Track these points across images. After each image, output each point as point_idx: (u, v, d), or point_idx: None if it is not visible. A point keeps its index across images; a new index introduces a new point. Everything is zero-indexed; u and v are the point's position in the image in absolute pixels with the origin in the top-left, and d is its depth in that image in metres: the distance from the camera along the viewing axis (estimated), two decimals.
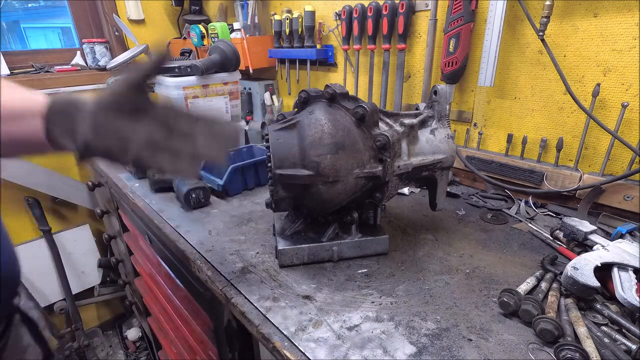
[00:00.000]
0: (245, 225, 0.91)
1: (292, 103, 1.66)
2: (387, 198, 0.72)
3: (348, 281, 0.70)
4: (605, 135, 0.86)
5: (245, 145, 1.30)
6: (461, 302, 0.63)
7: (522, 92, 0.98)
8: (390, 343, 0.55)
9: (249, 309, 0.63)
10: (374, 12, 1.16)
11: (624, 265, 0.61)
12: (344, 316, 0.61)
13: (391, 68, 1.24)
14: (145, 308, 1.56)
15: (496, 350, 0.54)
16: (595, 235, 0.72)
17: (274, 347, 0.56)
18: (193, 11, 2.03)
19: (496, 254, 0.77)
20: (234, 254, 0.79)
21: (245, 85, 1.75)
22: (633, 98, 0.81)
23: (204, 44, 1.61)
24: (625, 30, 0.79)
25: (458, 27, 0.97)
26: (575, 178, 0.90)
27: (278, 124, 0.71)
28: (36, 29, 2.28)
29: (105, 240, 1.85)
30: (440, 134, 0.76)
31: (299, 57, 1.47)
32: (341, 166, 0.65)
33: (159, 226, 0.93)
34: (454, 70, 1.02)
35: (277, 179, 0.67)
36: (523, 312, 0.58)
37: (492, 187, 1.06)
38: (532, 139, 0.99)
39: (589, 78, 0.86)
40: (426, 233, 0.86)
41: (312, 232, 0.77)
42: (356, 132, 0.67)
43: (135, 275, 1.55)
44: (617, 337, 0.55)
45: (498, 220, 0.91)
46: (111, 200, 1.54)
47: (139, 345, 2.22)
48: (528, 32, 0.92)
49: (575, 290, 0.61)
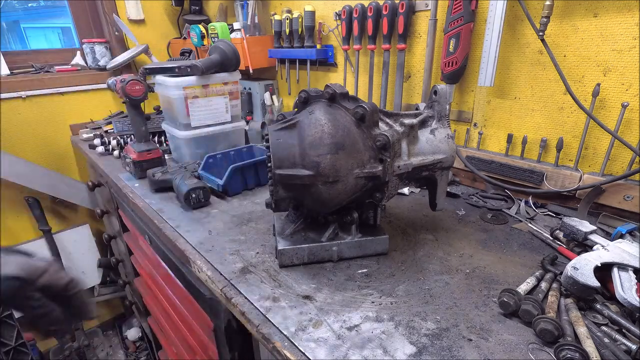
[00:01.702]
0: (245, 225, 0.91)
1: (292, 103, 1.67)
2: (387, 198, 0.72)
3: (348, 281, 0.70)
4: (605, 135, 0.86)
5: (245, 145, 1.30)
6: (461, 302, 0.63)
7: (522, 92, 0.98)
8: (390, 343, 0.55)
9: (249, 309, 0.63)
10: (374, 12, 1.16)
11: (624, 265, 0.61)
12: (344, 316, 0.61)
13: (391, 68, 1.24)
14: (145, 308, 1.56)
15: (496, 350, 0.54)
16: (595, 235, 0.72)
17: (274, 347, 0.56)
18: (193, 11, 2.03)
19: (496, 254, 0.77)
20: (234, 254, 0.79)
21: (245, 85, 1.75)
22: (633, 98, 0.81)
23: (204, 44, 1.61)
24: (625, 30, 0.79)
25: (458, 27, 0.97)
26: (575, 178, 0.90)
27: (278, 124, 0.71)
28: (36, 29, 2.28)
29: (105, 240, 1.85)
30: (440, 134, 0.76)
31: (299, 57, 1.47)
32: (341, 166, 0.65)
33: (158, 226, 0.93)
34: (454, 70, 1.02)
35: (277, 179, 0.67)
36: (523, 312, 0.58)
37: (492, 187, 1.06)
38: (532, 139, 0.99)
39: (589, 78, 0.86)
40: (426, 233, 0.86)
41: (312, 232, 0.77)
42: (356, 132, 0.67)
43: (135, 275, 1.55)
44: (617, 337, 0.55)
45: (498, 220, 0.91)
46: (111, 200, 1.54)
47: (139, 345, 2.22)
48: (528, 32, 0.92)
49: (575, 290, 0.61)
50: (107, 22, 1.95)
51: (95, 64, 1.95)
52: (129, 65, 1.97)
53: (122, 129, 1.62)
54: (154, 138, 1.55)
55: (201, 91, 1.20)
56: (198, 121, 1.23)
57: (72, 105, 1.90)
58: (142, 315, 1.71)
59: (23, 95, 1.73)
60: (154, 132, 1.58)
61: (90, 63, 1.96)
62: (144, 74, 1.22)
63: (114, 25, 1.95)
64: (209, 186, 1.03)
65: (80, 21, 1.97)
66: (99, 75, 1.93)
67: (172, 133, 1.28)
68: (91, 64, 1.96)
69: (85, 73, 1.93)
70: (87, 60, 1.95)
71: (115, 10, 1.94)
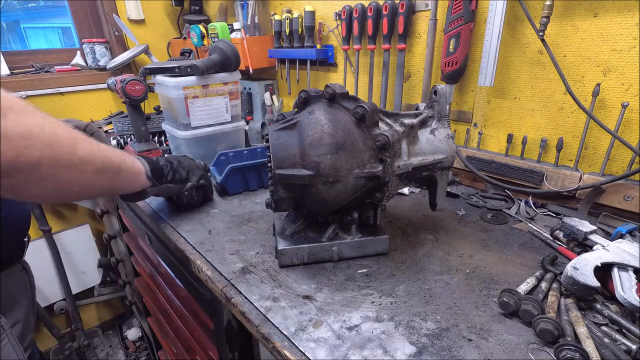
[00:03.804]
0: (245, 225, 0.91)
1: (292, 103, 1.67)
2: (387, 198, 0.72)
3: (348, 281, 0.70)
4: (605, 135, 0.86)
5: (246, 147, 1.30)
6: (461, 302, 0.63)
7: (522, 92, 0.98)
8: (390, 343, 0.55)
9: (249, 309, 0.63)
10: (374, 12, 1.16)
11: (624, 265, 0.61)
12: (344, 316, 0.61)
13: (391, 68, 1.24)
14: (145, 308, 1.56)
15: (496, 350, 0.54)
16: (595, 235, 0.72)
17: (274, 347, 0.56)
18: (193, 11, 2.03)
19: (496, 254, 0.77)
20: (234, 254, 0.79)
21: (245, 85, 1.75)
22: (633, 98, 0.81)
23: (204, 44, 1.61)
24: (625, 30, 0.79)
25: (458, 27, 0.97)
26: (575, 178, 0.90)
27: (278, 124, 0.71)
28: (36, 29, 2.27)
29: (105, 240, 1.85)
30: (440, 134, 0.76)
31: (299, 57, 1.47)
32: (341, 166, 0.65)
33: (159, 226, 0.93)
34: (454, 70, 1.02)
35: (277, 179, 0.67)
36: (523, 312, 0.58)
37: (492, 187, 1.06)
38: (532, 139, 0.99)
39: (589, 78, 0.86)
40: (426, 233, 0.86)
41: (312, 232, 0.77)
42: (356, 132, 0.67)
43: (135, 275, 1.55)
44: (617, 337, 0.55)
45: (498, 220, 0.91)
46: (111, 200, 1.54)
47: (139, 345, 2.22)
48: (528, 32, 0.92)
49: (575, 290, 0.61)
50: (107, 22, 1.95)
51: (95, 64, 1.95)
52: (129, 65, 1.97)
53: (122, 129, 1.62)
54: (154, 138, 1.55)
55: (201, 91, 1.20)
56: (198, 121, 1.23)
57: (72, 105, 1.90)
58: (142, 315, 1.71)
59: (23, 95, 1.72)
60: (154, 132, 1.58)
61: (90, 63, 1.96)
62: (144, 74, 1.21)
63: (114, 25, 1.95)
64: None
65: (80, 21, 1.97)
66: (99, 75, 1.93)
67: (172, 133, 1.28)
68: (91, 64, 1.96)
69: (85, 73, 1.93)
70: (87, 60, 1.96)
71: (115, 10, 1.94)
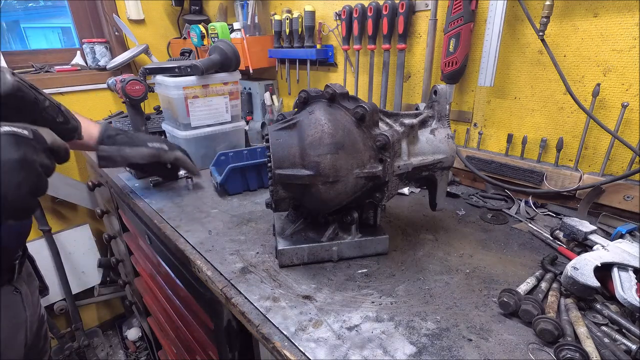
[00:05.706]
0: (245, 225, 0.91)
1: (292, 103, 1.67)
2: (387, 198, 0.72)
3: (348, 281, 0.70)
4: (605, 135, 0.86)
5: (246, 147, 1.30)
6: (461, 302, 0.63)
7: (522, 92, 0.98)
8: (390, 343, 0.55)
9: (249, 309, 0.63)
10: (374, 12, 1.16)
11: (624, 265, 0.61)
12: (344, 316, 0.61)
13: (391, 68, 1.24)
14: (145, 308, 1.56)
15: (496, 350, 0.54)
16: (595, 235, 0.72)
17: (274, 347, 0.56)
18: (193, 11, 2.03)
19: (496, 254, 0.77)
20: (234, 254, 0.79)
21: (245, 85, 1.75)
22: (633, 98, 0.81)
23: (204, 44, 1.61)
24: (625, 30, 0.79)
25: (458, 27, 0.97)
26: (575, 178, 0.90)
27: (278, 124, 0.71)
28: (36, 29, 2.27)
29: (105, 240, 1.85)
30: (440, 134, 0.76)
31: (299, 57, 1.48)
32: (341, 166, 0.65)
33: (158, 226, 0.93)
34: (454, 70, 1.02)
35: (277, 179, 0.67)
36: (523, 312, 0.58)
37: (492, 187, 1.06)
38: (532, 139, 0.99)
39: (589, 78, 0.86)
40: (426, 233, 0.86)
41: (312, 232, 0.77)
42: (356, 132, 0.67)
43: (135, 275, 1.55)
44: (617, 337, 0.55)
45: (498, 220, 0.91)
46: (111, 200, 1.54)
47: (139, 345, 2.22)
48: (528, 32, 0.92)
49: (575, 290, 0.61)
50: (107, 22, 1.95)
51: (95, 64, 1.95)
52: (129, 65, 1.97)
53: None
54: None
55: (201, 91, 1.20)
56: (198, 121, 1.23)
57: (72, 105, 1.88)
58: (142, 315, 1.71)
59: None
60: (154, 132, 1.57)
61: (90, 63, 1.96)
62: (144, 74, 1.21)
63: (114, 25, 1.95)
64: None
65: (80, 21, 1.97)
66: (99, 75, 1.93)
67: (172, 133, 1.28)
68: (91, 64, 1.96)
69: (85, 73, 1.93)
70: (87, 60, 1.95)
71: (115, 10, 1.94)
